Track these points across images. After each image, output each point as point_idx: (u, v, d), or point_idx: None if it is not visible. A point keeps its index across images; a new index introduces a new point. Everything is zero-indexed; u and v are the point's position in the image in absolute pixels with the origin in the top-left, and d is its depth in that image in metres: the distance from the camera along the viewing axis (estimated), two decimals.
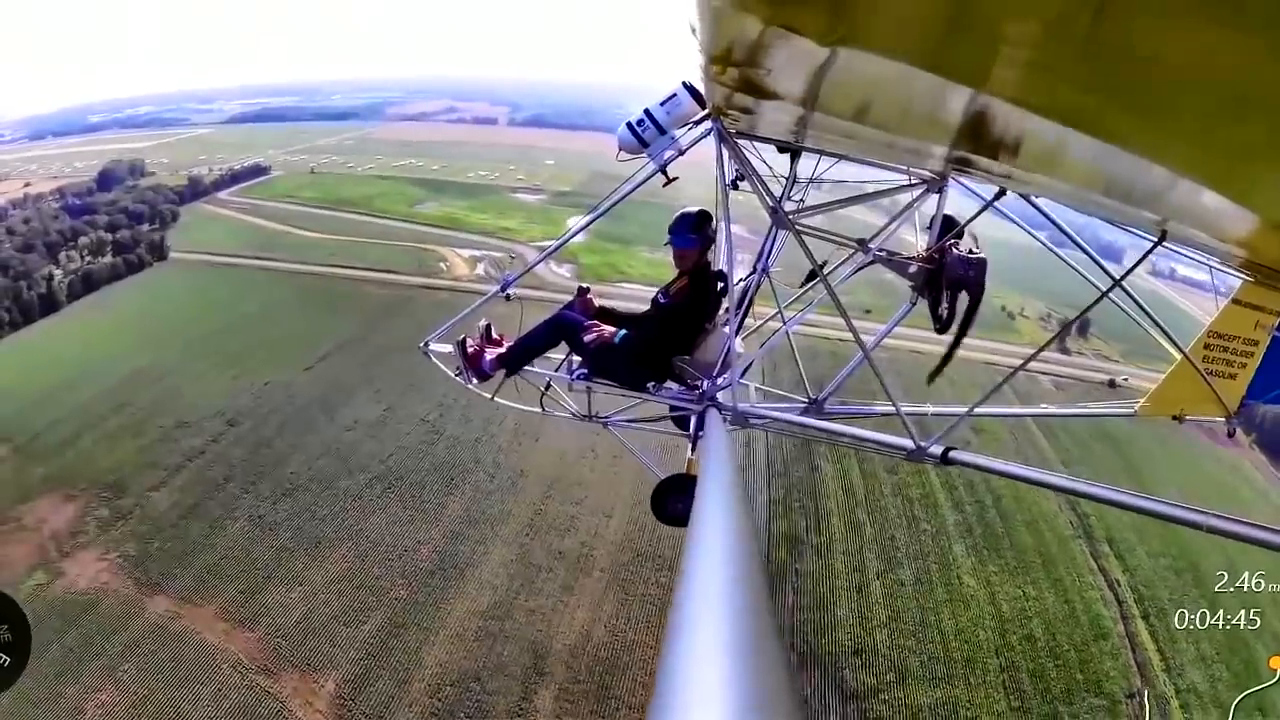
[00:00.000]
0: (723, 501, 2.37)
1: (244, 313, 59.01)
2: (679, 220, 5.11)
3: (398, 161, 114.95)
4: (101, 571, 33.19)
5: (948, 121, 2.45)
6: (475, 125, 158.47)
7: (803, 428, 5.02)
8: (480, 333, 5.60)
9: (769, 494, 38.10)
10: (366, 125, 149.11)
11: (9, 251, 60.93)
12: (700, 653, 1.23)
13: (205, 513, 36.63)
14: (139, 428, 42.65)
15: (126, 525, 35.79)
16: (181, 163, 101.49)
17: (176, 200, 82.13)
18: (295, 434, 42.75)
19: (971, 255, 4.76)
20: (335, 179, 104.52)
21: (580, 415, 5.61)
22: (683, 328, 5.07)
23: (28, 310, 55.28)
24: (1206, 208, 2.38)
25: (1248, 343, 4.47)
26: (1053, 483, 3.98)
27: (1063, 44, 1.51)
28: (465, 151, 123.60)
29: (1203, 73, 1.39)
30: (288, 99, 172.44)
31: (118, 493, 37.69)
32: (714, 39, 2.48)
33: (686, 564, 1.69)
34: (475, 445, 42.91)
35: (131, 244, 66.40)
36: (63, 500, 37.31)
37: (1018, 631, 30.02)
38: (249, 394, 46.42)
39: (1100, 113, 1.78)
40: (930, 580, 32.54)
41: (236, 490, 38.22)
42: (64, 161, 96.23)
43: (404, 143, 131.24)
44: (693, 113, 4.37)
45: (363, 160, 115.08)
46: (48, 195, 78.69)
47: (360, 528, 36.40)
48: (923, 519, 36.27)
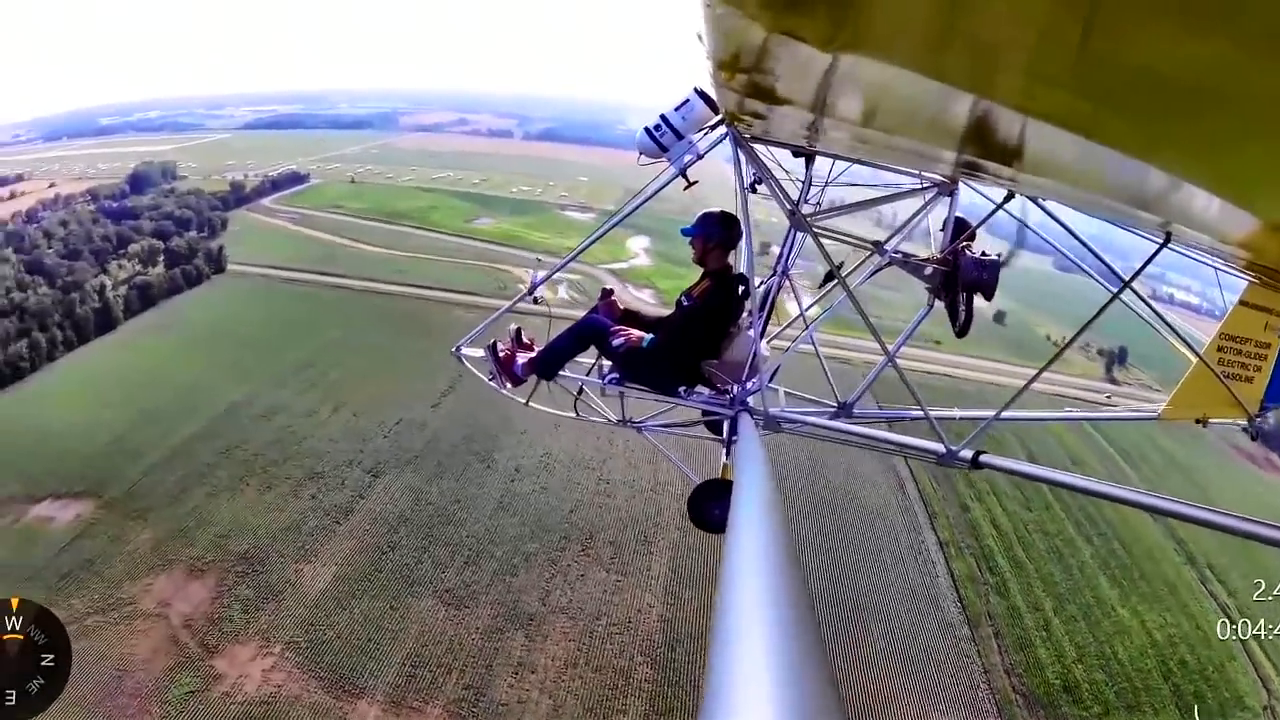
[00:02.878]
0: (759, 508, 2.39)
1: (329, 337, 51.61)
2: (699, 216, 5.04)
3: (437, 174, 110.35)
4: (270, 672, 25.62)
5: (952, 127, 2.46)
6: (491, 138, 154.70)
7: (834, 432, 5.01)
8: (511, 336, 5.44)
9: (936, 536, 37.89)
10: (384, 134, 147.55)
11: (53, 258, 52.25)
12: (746, 663, 1.21)
13: (377, 588, 29.39)
14: (262, 479, 34.98)
15: (281, 609, 28.20)
16: (211, 167, 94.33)
17: (220, 206, 74.26)
18: (454, 486, 35.70)
19: (985, 258, 4.78)
20: (377, 189, 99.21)
21: (614, 420, 5.46)
22: (708, 329, 4.97)
23: (82, 327, 46.84)
24: (1207, 210, 2.38)
25: (1260, 345, 4.54)
26: (1082, 486, 3.95)
27: (1056, 51, 1.51)
28: (494, 164, 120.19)
29: (1193, 79, 1.39)
30: (295, 106, 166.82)
31: (257, 566, 30.05)
32: (720, 46, 2.54)
33: (726, 573, 1.66)
34: (654, 494, 36.67)
35: (187, 254, 58.43)
36: (187, 576, 29.50)
37: (1173, 657, 31.29)
38: (380, 436, 39.07)
39: (1097, 118, 1.78)
40: (1094, 614, 33.36)
41: (407, 558, 31.01)
42: (86, 163, 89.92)
43: (429, 153, 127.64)
44: (707, 118, 4.39)
45: (400, 170, 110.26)
46: (78, 197, 70.05)
47: (570, 599, 29.84)
48: (1066, 554, 37.18)
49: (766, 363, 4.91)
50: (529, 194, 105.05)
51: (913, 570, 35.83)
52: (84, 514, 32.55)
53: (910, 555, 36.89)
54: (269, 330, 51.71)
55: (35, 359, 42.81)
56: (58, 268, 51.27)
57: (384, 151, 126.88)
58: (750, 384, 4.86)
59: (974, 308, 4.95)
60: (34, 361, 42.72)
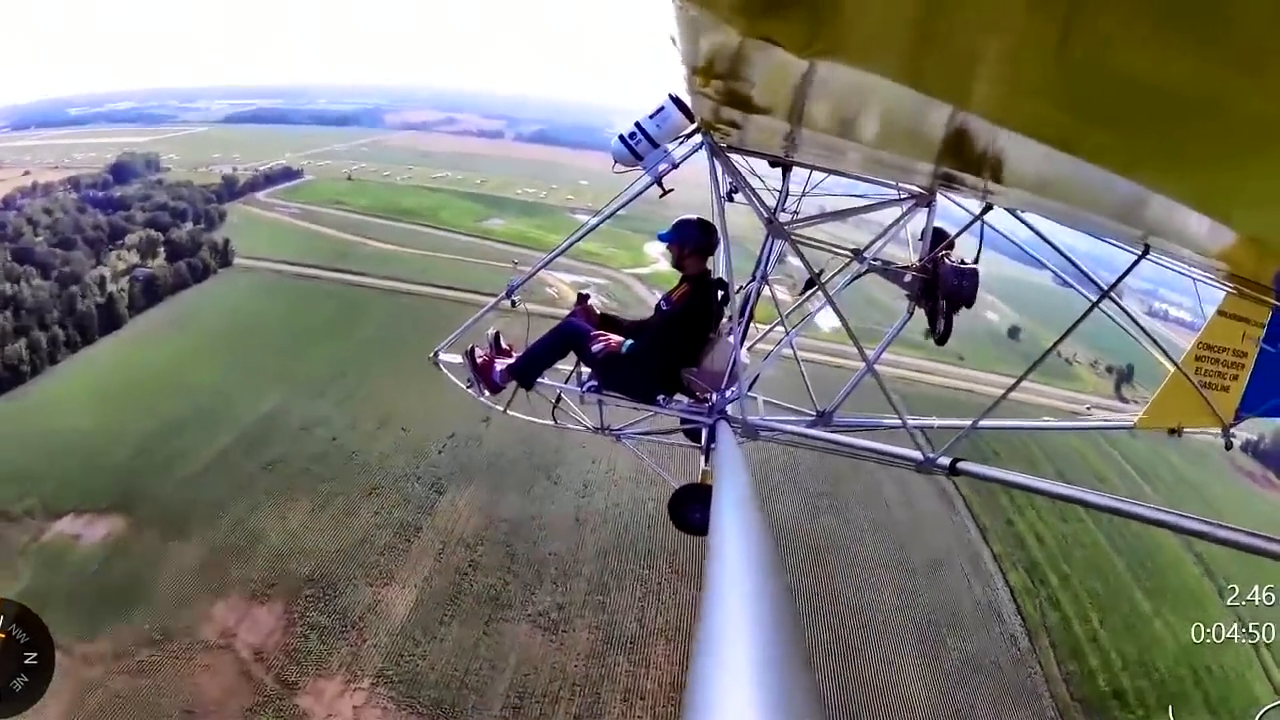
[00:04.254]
0: (740, 515, 2.42)
1: (357, 339, 48.45)
2: (675, 221, 5.04)
3: (436, 173, 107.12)
4: (364, 708, 23.02)
5: (930, 138, 2.44)
6: (482, 138, 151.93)
7: (813, 440, 5.01)
8: (489, 342, 5.33)
9: (990, 549, 38.52)
10: (371, 131, 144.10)
11: (44, 247, 47.44)
12: (728, 665, 1.24)
13: (465, 612, 26.99)
14: (314, 496, 31.85)
15: (363, 637, 25.44)
16: (196, 160, 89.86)
17: (215, 199, 69.79)
18: (524, 502, 33.32)
19: (964, 266, 4.75)
20: (376, 187, 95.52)
21: (592, 428, 5.41)
22: (687, 334, 4.97)
23: (85, 325, 42.51)
24: (1184, 222, 2.37)
25: (1237, 354, 4.57)
26: (1058, 492, 3.99)
27: (1033, 60, 1.50)
28: (493, 166, 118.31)
29: (1172, 92, 1.38)
30: (274, 101, 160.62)
31: (327, 590, 27.15)
32: (694, 51, 2.47)
33: (710, 578, 1.69)
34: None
35: (191, 246, 54.03)
36: (248, 601, 26.41)
37: (1202, 664, 32.33)
38: (435, 451, 36.31)
39: (1074, 130, 1.77)
40: (1134, 624, 34.46)
41: (491, 580, 28.61)
42: (60, 152, 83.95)
43: (422, 152, 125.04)
44: (682, 126, 4.31)
45: (396, 169, 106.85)
46: (58, 185, 64.66)
47: (667, 619, 28.02)
48: (1104, 566, 37.98)
49: (746, 370, 4.84)
50: (534, 196, 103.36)
51: (975, 584, 36.66)
52: (115, 532, 29.06)
53: (971, 568, 37.69)
54: (290, 330, 48.14)
55: (36, 361, 38.47)
56: (50, 257, 46.52)
57: (374, 149, 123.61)
58: (729, 392, 4.81)
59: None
60: (35, 363, 38.40)
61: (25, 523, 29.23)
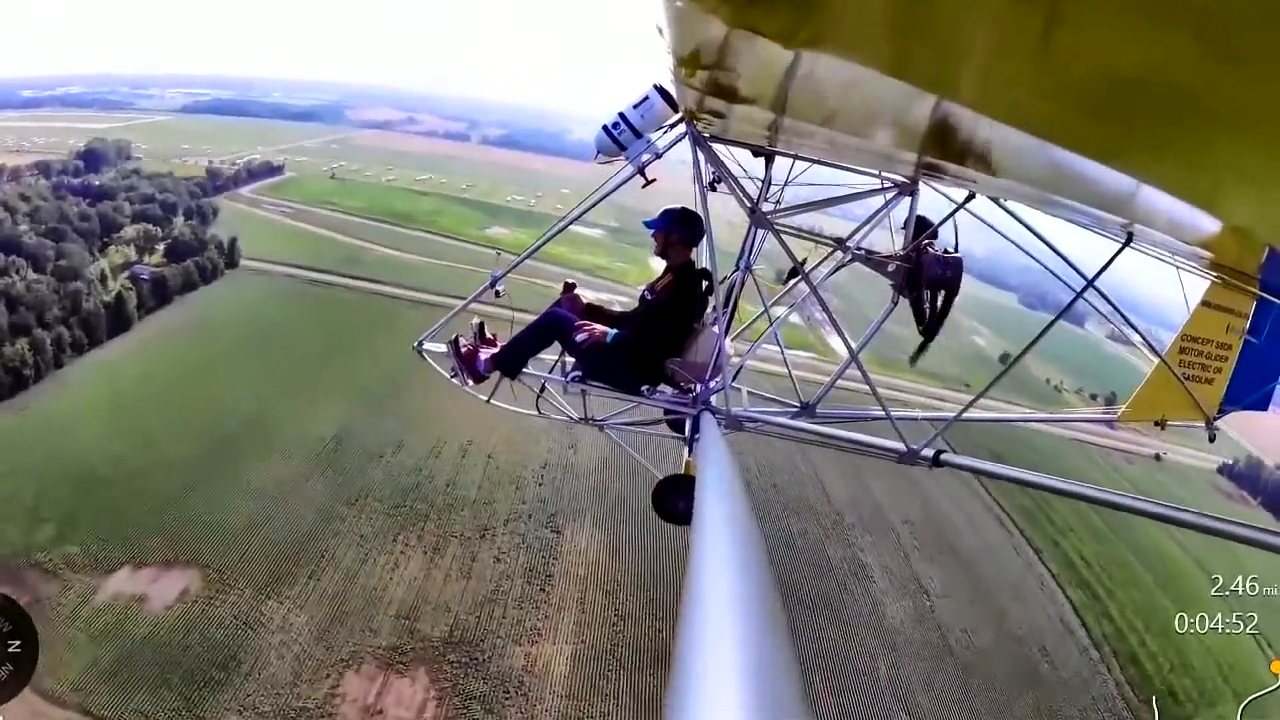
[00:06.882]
0: (725, 507, 2.40)
1: (402, 350, 43.52)
2: (661, 211, 4.95)
3: (419, 175, 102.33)
4: None
5: (914, 128, 2.44)
6: (448, 140, 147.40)
7: (797, 432, 5.01)
8: (473, 332, 5.24)
9: (1047, 569, 40.64)
10: (333, 128, 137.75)
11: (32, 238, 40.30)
12: (714, 654, 1.24)
13: (632, 665, 23.87)
14: (424, 540, 27.72)
15: (530, 704, 21.89)
16: (165, 150, 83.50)
17: (200, 193, 63.03)
18: (645, 538, 30.33)
19: (948, 255, 4.72)
20: (362, 187, 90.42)
21: (576, 419, 5.35)
22: (672, 323, 4.92)
23: (92, 325, 36.13)
24: (1168, 211, 2.37)
25: (1221, 347, 4.53)
26: (1038, 482, 4.01)
27: (1017, 50, 1.50)
28: (467, 169, 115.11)
29: (1155, 80, 1.39)
30: (227, 92, 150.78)
31: (472, 652, 23.37)
32: (681, 41, 2.50)
33: (694, 568, 1.69)
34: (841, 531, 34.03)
35: (194, 244, 47.73)
36: (382, 671, 22.25)
37: (1225, 661, 34.76)
38: (535, 482, 32.82)
39: (1058, 119, 1.77)
40: (1169, 631, 35.93)
41: (645, 628, 25.74)
42: (18, 135, 77.27)
43: (395, 152, 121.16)
44: (666, 116, 4.30)
45: (376, 169, 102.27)
46: (25, 170, 56.38)
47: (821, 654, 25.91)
48: (1139, 581, 40.61)
49: (730, 360, 4.88)
50: (524, 204, 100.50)
51: (1045, 601, 38.75)
52: (192, 589, 24.05)
53: (1037, 587, 39.71)
54: (320, 339, 43.27)
55: (40, 363, 32.02)
56: (40, 248, 39.52)
57: (345, 147, 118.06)
58: (713, 383, 4.84)
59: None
60: (39, 366, 31.94)
61: (66, 577, 23.80)
